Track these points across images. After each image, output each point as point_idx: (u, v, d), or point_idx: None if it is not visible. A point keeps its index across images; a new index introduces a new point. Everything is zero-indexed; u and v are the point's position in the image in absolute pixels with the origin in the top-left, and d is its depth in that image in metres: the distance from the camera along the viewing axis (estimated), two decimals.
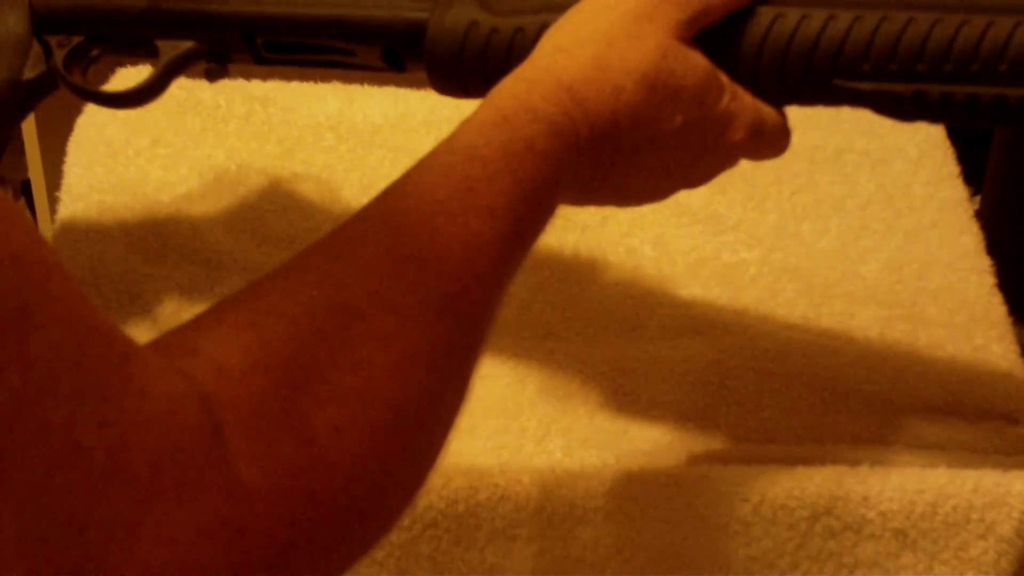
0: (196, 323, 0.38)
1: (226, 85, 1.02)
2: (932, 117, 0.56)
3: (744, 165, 0.60)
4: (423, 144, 0.87)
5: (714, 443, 0.69)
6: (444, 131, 0.87)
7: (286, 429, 0.36)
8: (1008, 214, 1.31)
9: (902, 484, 0.62)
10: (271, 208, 0.84)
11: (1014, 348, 0.76)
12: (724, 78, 0.55)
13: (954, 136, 0.96)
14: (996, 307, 0.78)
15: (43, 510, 0.30)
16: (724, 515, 0.62)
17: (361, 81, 0.97)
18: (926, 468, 0.64)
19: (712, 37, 0.55)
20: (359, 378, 0.38)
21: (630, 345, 0.74)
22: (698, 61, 0.53)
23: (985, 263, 0.80)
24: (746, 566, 0.63)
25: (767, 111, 0.56)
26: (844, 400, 0.71)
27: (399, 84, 1.06)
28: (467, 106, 0.64)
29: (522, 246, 0.46)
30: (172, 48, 0.67)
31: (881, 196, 0.84)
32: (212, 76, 0.68)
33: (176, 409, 0.33)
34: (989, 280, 0.79)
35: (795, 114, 0.60)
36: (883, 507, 0.61)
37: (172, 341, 0.37)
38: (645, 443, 0.69)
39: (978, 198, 1.29)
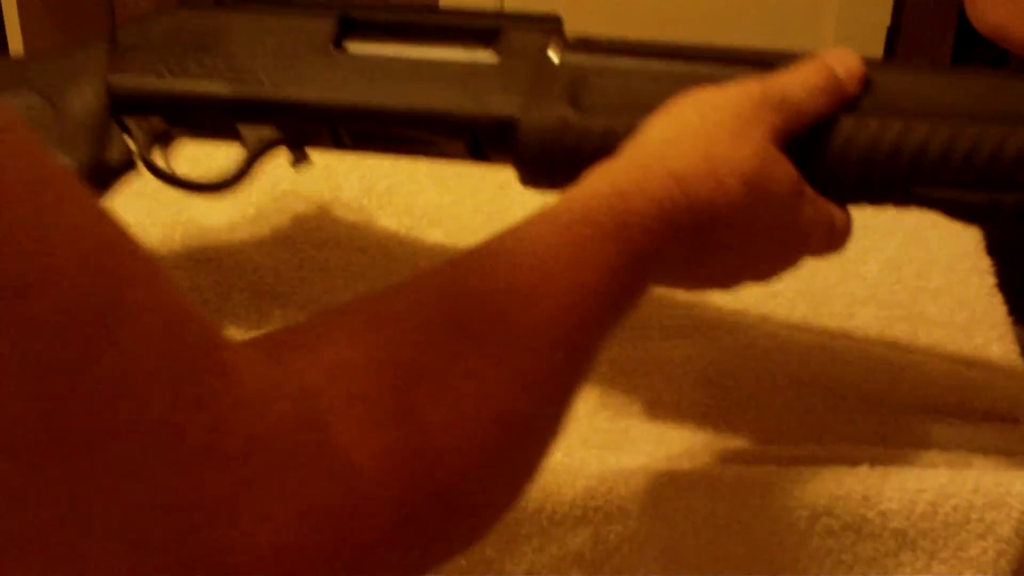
0: (311, 324, 0.40)
1: None
2: (1005, 224, 0.58)
3: None
4: None
5: (714, 443, 0.69)
6: None
7: (397, 419, 0.38)
8: None
9: (902, 484, 0.62)
10: (271, 209, 0.84)
11: (1014, 348, 0.76)
12: (806, 186, 0.57)
13: None
14: (996, 307, 0.78)
15: (143, 492, 0.31)
16: (724, 514, 0.62)
17: None
18: (926, 468, 0.64)
19: (795, 142, 0.57)
20: (470, 386, 0.40)
21: (630, 345, 0.74)
22: (788, 168, 0.56)
23: (985, 263, 0.81)
24: (746, 565, 0.63)
25: (838, 215, 0.59)
26: (844, 400, 0.71)
27: None
28: None
29: (618, 310, 0.49)
30: (255, 134, 0.66)
31: None
32: (297, 162, 0.68)
33: (269, 395, 0.35)
34: (989, 280, 0.80)
35: None
36: (883, 507, 0.61)
37: (284, 339, 0.39)
38: (645, 443, 0.69)
39: None
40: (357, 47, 0.65)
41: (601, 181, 0.52)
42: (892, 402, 0.71)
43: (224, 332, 0.35)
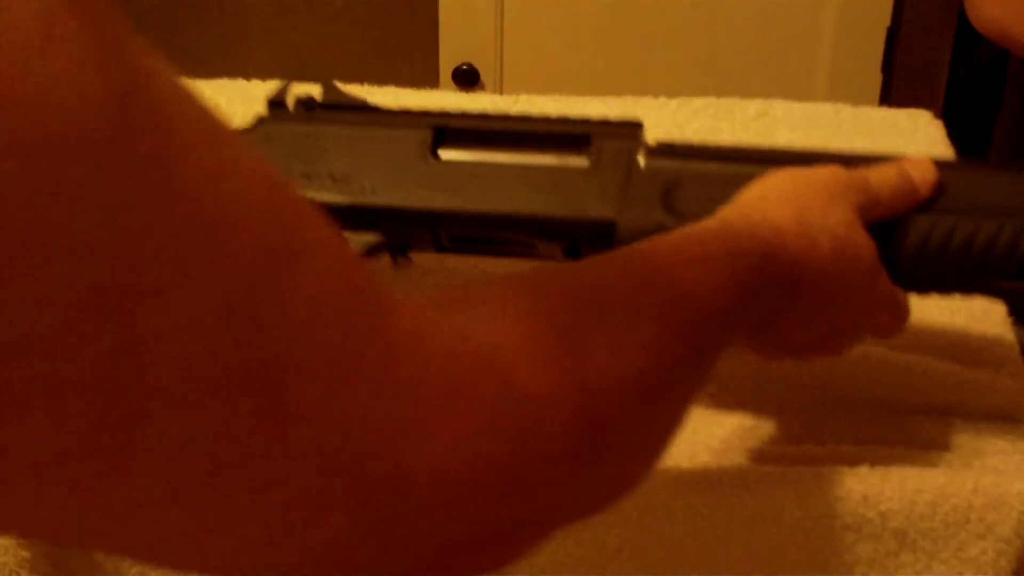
0: (460, 290, 0.42)
1: (226, 85, 1.02)
2: None
3: None
4: None
5: (713, 443, 0.69)
6: None
7: (562, 357, 0.40)
8: None
9: (902, 484, 0.62)
10: None
11: (1014, 348, 0.76)
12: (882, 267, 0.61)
13: (954, 135, 0.96)
14: (996, 307, 0.78)
15: (326, 420, 0.33)
16: (724, 514, 0.62)
17: (361, 80, 0.97)
18: (926, 468, 0.64)
19: (874, 237, 0.60)
20: (619, 342, 0.43)
21: None
22: (870, 242, 0.59)
23: None
24: (746, 565, 0.63)
25: (903, 297, 0.64)
26: (844, 400, 0.71)
27: (400, 84, 1.06)
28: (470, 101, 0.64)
29: (723, 326, 0.50)
30: (360, 240, 0.68)
31: None
32: (397, 266, 0.70)
33: (437, 328, 0.37)
34: None
35: (796, 113, 0.60)
36: (883, 507, 0.61)
37: (439, 297, 0.41)
38: None
39: None
40: (453, 155, 0.68)
41: (709, 222, 0.55)
42: (892, 402, 0.71)
43: None
